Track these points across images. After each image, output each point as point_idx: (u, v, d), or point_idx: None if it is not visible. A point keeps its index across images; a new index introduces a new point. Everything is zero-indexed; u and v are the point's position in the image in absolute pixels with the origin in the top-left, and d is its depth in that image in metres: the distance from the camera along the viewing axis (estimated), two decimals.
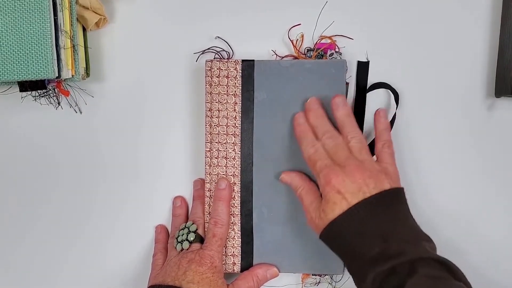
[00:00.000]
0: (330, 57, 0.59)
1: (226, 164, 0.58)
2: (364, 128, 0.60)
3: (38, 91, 0.57)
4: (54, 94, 0.60)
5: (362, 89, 0.60)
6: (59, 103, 0.61)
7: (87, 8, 0.58)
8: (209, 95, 0.58)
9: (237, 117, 0.58)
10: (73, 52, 0.57)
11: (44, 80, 0.56)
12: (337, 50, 0.59)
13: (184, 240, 0.57)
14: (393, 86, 0.60)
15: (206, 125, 0.58)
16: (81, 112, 0.62)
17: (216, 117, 0.58)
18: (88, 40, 0.60)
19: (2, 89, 0.59)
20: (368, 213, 0.49)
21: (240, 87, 0.58)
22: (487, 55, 0.60)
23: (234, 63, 0.58)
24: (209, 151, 0.58)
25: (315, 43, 0.60)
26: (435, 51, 0.60)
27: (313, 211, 0.52)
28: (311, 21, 0.60)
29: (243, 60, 0.58)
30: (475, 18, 0.60)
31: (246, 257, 0.59)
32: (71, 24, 0.56)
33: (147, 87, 0.62)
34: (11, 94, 0.59)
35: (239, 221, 0.59)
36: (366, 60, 0.60)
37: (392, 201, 0.50)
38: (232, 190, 0.58)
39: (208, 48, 0.60)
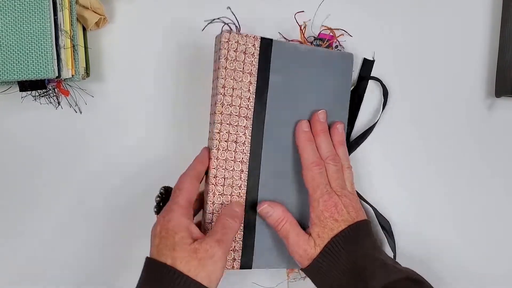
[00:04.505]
0: (336, 49, 0.58)
1: (235, 149, 0.54)
2: (358, 118, 0.61)
3: (38, 91, 0.58)
4: (54, 94, 0.60)
5: (363, 84, 0.60)
6: (59, 103, 0.61)
7: (87, 8, 0.58)
8: (224, 70, 0.52)
9: (251, 98, 0.53)
10: (73, 52, 0.57)
11: (44, 80, 0.56)
12: (338, 43, 0.59)
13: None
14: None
15: (216, 104, 0.53)
16: (81, 112, 0.62)
17: (230, 96, 0.53)
18: (88, 40, 0.60)
19: (2, 89, 0.59)
20: (363, 232, 0.53)
21: (257, 66, 0.53)
22: (487, 55, 0.60)
23: (252, 39, 0.53)
24: (218, 132, 0.53)
25: (318, 33, 0.59)
26: (435, 51, 0.60)
27: (305, 242, 0.52)
28: (313, 9, 0.59)
29: (262, 38, 0.53)
30: (475, 18, 0.60)
31: (247, 253, 0.56)
32: (71, 24, 0.57)
33: (147, 87, 0.62)
34: (11, 94, 0.59)
35: (243, 213, 0.55)
36: (372, 59, 0.60)
37: (371, 229, 0.55)
38: (240, 179, 0.54)
39: (218, 18, 0.56)
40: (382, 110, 0.59)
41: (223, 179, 0.54)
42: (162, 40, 0.61)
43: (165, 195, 0.55)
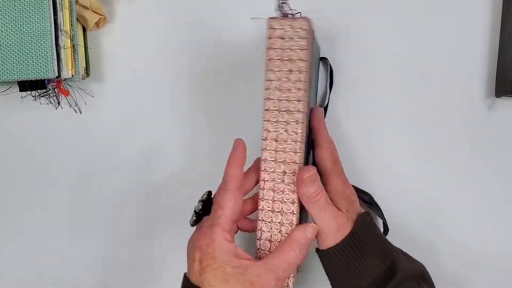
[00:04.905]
0: None
1: (303, 149, 0.49)
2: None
3: (38, 91, 0.58)
4: (54, 94, 0.60)
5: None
6: (59, 103, 0.61)
7: (87, 8, 0.58)
8: (308, 63, 0.46)
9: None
10: (73, 51, 0.57)
11: (44, 80, 0.56)
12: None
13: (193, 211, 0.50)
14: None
15: (300, 101, 0.46)
16: (81, 112, 0.62)
17: (307, 91, 0.47)
18: (88, 40, 0.60)
19: (2, 89, 0.59)
20: (373, 220, 0.51)
21: None
22: (487, 55, 0.59)
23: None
24: (302, 133, 0.47)
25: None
26: (435, 50, 0.60)
27: (342, 217, 0.48)
28: None
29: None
30: (475, 18, 0.59)
31: None
32: (71, 24, 0.57)
33: (147, 87, 0.62)
34: (11, 94, 0.59)
35: (298, 211, 0.49)
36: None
37: None
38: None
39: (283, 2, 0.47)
40: (330, 89, 0.59)
41: None
42: (162, 40, 0.61)
43: (207, 204, 0.50)
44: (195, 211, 0.49)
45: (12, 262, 0.63)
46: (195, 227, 0.49)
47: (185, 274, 0.47)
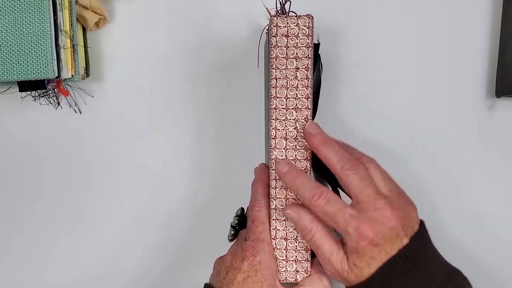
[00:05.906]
0: None
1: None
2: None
3: (38, 91, 0.58)
4: (54, 94, 0.60)
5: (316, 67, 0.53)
6: (58, 103, 0.61)
7: (87, 8, 0.58)
8: (312, 61, 0.47)
9: None
10: (73, 52, 0.57)
11: (44, 80, 0.56)
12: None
13: (230, 227, 0.51)
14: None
15: (308, 98, 0.47)
16: (80, 112, 0.62)
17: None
18: (88, 40, 0.60)
19: (2, 89, 0.59)
20: (410, 265, 0.43)
21: None
22: (487, 55, 0.59)
23: None
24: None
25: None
26: (435, 50, 0.60)
27: (338, 262, 0.44)
28: None
29: None
30: (475, 18, 0.59)
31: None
32: (71, 24, 0.56)
33: (147, 87, 0.62)
34: (11, 94, 0.59)
35: None
36: (317, 42, 0.54)
37: (426, 236, 0.45)
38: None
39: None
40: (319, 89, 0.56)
41: None
42: (162, 40, 0.61)
43: (242, 218, 0.51)
44: (232, 225, 0.51)
45: (11, 262, 0.63)
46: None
47: (207, 284, 0.48)
